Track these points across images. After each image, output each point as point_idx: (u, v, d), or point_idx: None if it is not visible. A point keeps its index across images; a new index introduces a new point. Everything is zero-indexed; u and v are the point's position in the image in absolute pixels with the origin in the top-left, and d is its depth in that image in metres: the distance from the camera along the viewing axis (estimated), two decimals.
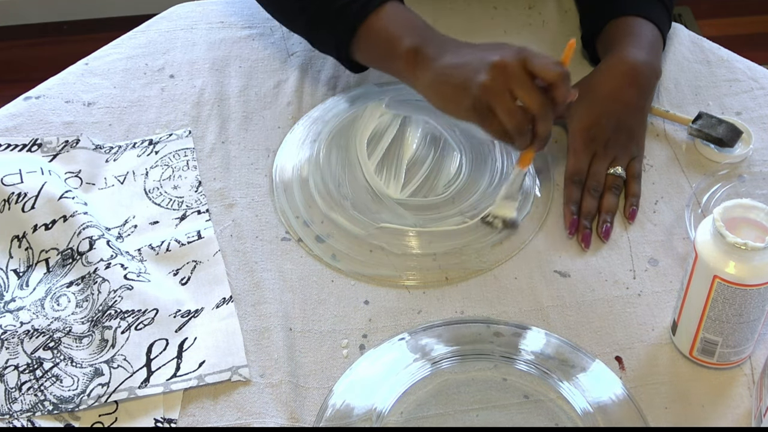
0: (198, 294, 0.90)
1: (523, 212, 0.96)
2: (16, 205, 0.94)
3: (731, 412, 0.81)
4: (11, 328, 0.86)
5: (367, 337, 0.87)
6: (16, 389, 0.82)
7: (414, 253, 0.93)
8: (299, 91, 1.11)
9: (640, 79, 1.00)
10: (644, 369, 0.84)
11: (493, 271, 0.92)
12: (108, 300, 0.87)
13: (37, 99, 1.10)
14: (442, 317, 0.88)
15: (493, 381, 0.83)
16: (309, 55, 1.15)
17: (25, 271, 0.91)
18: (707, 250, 0.77)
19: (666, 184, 1.00)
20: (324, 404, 0.81)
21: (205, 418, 0.81)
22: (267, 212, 0.98)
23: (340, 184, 0.98)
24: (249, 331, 0.87)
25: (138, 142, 1.05)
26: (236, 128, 1.06)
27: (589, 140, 0.98)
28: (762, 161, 1.02)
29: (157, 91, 1.11)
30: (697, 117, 1.03)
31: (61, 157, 1.02)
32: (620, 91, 0.99)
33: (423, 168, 1.00)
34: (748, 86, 1.11)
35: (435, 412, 0.81)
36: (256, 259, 0.93)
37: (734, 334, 0.80)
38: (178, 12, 1.23)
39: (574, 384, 0.82)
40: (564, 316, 0.88)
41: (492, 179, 0.99)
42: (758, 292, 0.76)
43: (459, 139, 1.02)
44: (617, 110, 0.99)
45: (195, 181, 1.00)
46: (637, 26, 1.04)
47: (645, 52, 1.01)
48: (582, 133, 0.98)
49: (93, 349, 0.85)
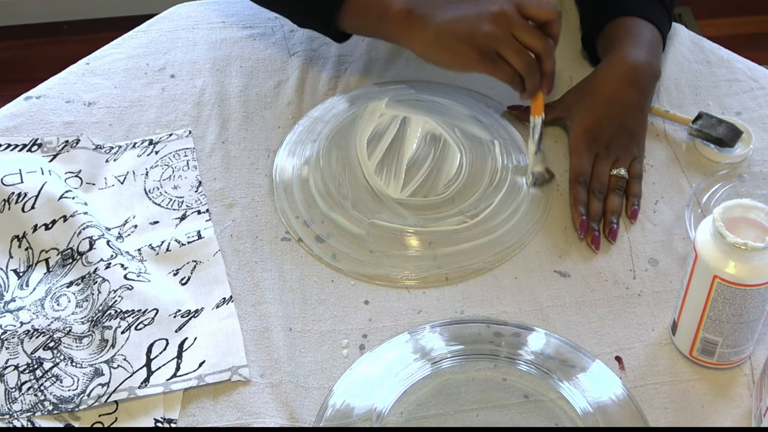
0: (198, 294, 0.90)
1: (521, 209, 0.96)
2: (16, 205, 0.94)
3: (731, 412, 0.81)
4: (11, 328, 0.86)
5: (367, 337, 0.87)
6: (16, 389, 0.83)
7: (414, 253, 0.93)
8: (300, 91, 1.11)
9: (640, 79, 1.00)
10: (644, 369, 0.84)
11: (493, 271, 0.92)
12: (108, 300, 0.87)
13: (37, 99, 1.10)
14: (442, 317, 0.88)
15: (493, 381, 0.83)
16: (310, 55, 1.15)
17: (25, 271, 0.91)
18: (707, 250, 0.77)
19: (666, 184, 1.00)
20: (324, 404, 0.81)
21: (205, 418, 0.81)
22: (267, 212, 0.98)
23: (340, 184, 0.98)
24: (249, 331, 0.87)
25: (138, 142, 1.05)
26: (237, 128, 1.06)
27: (591, 141, 0.98)
28: (762, 161, 1.02)
29: (157, 91, 1.11)
30: (697, 117, 1.03)
31: (61, 157, 1.02)
32: (621, 92, 0.99)
33: (423, 168, 1.00)
34: (748, 86, 1.11)
35: (435, 412, 0.81)
36: (256, 259, 0.93)
37: (734, 334, 0.80)
38: (179, 12, 1.23)
39: (574, 384, 0.82)
40: (564, 316, 0.88)
41: (492, 179, 0.99)
42: (758, 292, 0.76)
43: (459, 139, 1.02)
44: (618, 112, 0.99)
45: (195, 181, 1.00)
46: (636, 27, 1.04)
47: (645, 53, 1.01)
48: (584, 134, 0.98)
49: (93, 349, 0.85)
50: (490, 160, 1.01)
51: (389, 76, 1.13)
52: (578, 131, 0.99)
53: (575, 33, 1.16)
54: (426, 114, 1.04)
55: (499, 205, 0.97)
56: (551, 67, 0.95)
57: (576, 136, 0.99)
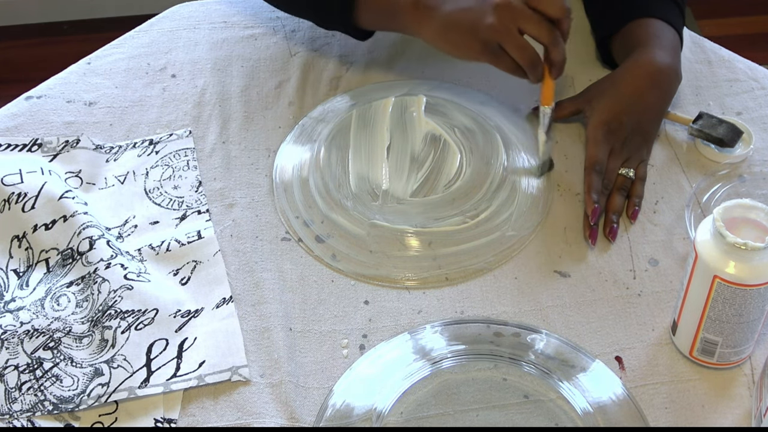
0: (198, 294, 0.90)
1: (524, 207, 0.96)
2: (16, 205, 0.94)
3: (731, 412, 0.81)
4: (11, 328, 0.86)
5: (367, 337, 0.87)
6: (16, 389, 0.83)
7: (414, 253, 0.93)
8: (301, 91, 1.11)
9: (664, 82, 1.01)
10: (644, 369, 0.84)
11: (493, 271, 0.92)
12: (108, 300, 0.87)
13: (38, 99, 1.10)
14: (442, 317, 0.88)
15: (493, 381, 0.83)
16: (311, 55, 1.15)
17: (25, 271, 0.91)
18: (707, 250, 0.77)
19: (666, 184, 1.00)
20: (324, 404, 0.81)
21: (205, 418, 0.81)
22: (267, 212, 0.98)
23: (340, 184, 0.98)
24: (249, 331, 0.87)
25: (138, 142, 1.05)
26: (237, 128, 1.06)
27: (608, 133, 0.98)
28: (762, 161, 1.02)
29: (158, 90, 1.11)
30: (698, 117, 1.03)
31: (61, 157, 1.02)
32: (644, 92, 1.00)
33: (423, 168, 1.00)
34: (748, 86, 1.11)
35: (435, 412, 0.81)
36: (256, 259, 0.93)
37: (734, 334, 0.80)
38: (180, 12, 1.23)
39: (574, 384, 0.82)
40: (564, 316, 0.88)
41: (492, 179, 0.99)
42: (758, 292, 0.76)
43: (459, 139, 1.03)
44: (639, 111, 0.99)
45: (195, 181, 1.00)
46: (659, 29, 1.04)
47: (669, 56, 1.02)
48: (602, 125, 0.98)
49: (93, 349, 0.85)
50: (491, 161, 1.01)
51: (391, 75, 1.13)
52: (597, 122, 0.99)
53: (579, 34, 1.16)
54: (426, 113, 1.04)
55: (499, 206, 0.97)
56: (559, 57, 0.95)
57: (594, 127, 0.99)
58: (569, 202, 0.98)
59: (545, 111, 0.99)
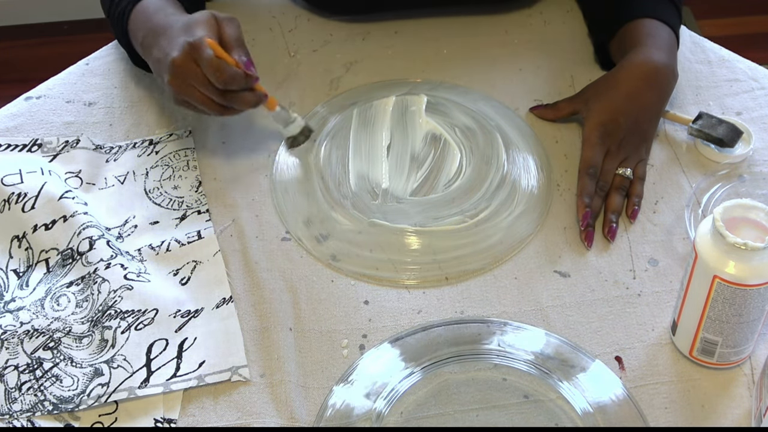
0: (198, 294, 0.90)
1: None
2: (16, 205, 0.94)
3: (731, 412, 0.81)
4: (11, 328, 0.86)
5: (367, 337, 0.87)
6: (16, 389, 0.83)
7: (414, 253, 0.93)
8: (300, 91, 1.11)
9: (662, 81, 1.01)
10: (644, 369, 0.84)
11: (493, 271, 0.92)
12: (108, 300, 0.87)
13: (38, 99, 1.10)
14: (442, 317, 0.88)
15: (493, 381, 0.83)
16: (310, 55, 1.15)
17: (25, 271, 0.91)
18: (707, 250, 0.77)
19: (666, 184, 1.00)
20: (324, 404, 0.81)
21: (205, 418, 0.81)
22: (267, 212, 0.98)
23: (340, 183, 0.98)
24: (249, 331, 0.87)
25: (138, 142, 1.05)
26: (237, 128, 1.06)
27: (605, 135, 0.98)
28: (762, 161, 1.02)
29: (158, 90, 1.11)
30: (698, 117, 1.03)
31: (61, 157, 1.02)
32: (641, 92, 0.99)
33: (423, 167, 1.00)
34: (748, 86, 1.11)
35: (435, 412, 0.81)
36: (256, 259, 0.93)
37: (734, 334, 0.80)
38: None
39: (574, 384, 0.82)
40: (564, 316, 0.88)
41: (492, 179, 0.99)
42: (758, 292, 0.76)
43: (459, 139, 1.03)
44: (635, 110, 0.99)
45: (195, 181, 1.00)
46: (654, 29, 1.04)
47: (665, 55, 1.01)
48: (599, 127, 0.98)
49: (93, 349, 0.85)
50: (491, 160, 1.01)
51: (391, 75, 1.13)
52: (593, 123, 0.99)
53: (578, 34, 1.16)
54: (427, 114, 1.04)
55: (499, 205, 0.97)
56: (250, 83, 0.92)
57: (590, 128, 0.99)
58: (569, 202, 0.98)
59: (274, 114, 0.98)
